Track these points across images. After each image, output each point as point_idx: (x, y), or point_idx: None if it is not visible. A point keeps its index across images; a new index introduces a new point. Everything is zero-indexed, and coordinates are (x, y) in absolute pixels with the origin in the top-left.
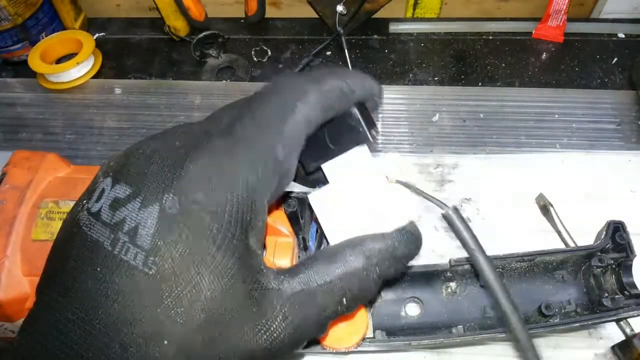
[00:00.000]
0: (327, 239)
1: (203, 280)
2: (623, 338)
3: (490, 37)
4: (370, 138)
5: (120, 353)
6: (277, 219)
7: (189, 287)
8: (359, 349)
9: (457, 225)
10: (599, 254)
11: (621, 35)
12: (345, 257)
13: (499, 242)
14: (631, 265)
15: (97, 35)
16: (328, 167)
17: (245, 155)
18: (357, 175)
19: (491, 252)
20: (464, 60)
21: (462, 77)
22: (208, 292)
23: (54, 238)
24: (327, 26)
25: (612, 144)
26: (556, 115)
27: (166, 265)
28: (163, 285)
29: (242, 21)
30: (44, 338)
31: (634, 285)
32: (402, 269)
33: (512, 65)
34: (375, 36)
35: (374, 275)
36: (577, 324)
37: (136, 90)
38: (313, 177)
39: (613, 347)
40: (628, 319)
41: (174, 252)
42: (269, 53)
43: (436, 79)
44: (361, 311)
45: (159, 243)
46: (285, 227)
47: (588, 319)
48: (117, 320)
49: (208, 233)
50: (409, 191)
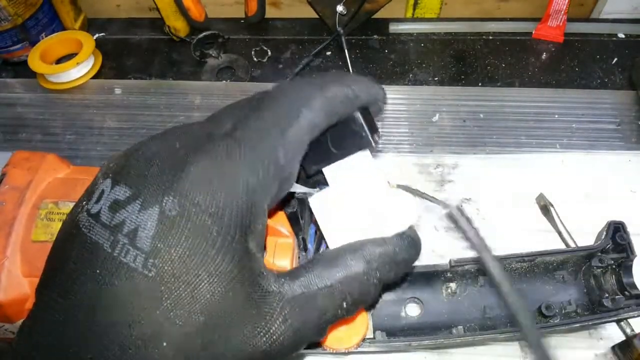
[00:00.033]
0: (326, 241)
1: (202, 283)
2: (623, 338)
3: (490, 37)
4: (373, 143)
5: (119, 355)
6: (277, 219)
7: (188, 289)
8: (359, 349)
9: (462, 224)
10: (599, 254)
11: (621, 35)
12: (346, 261)
13: (499, 242)
14: (631, 266)
15: (97, 35)
16: (329, 170)
17: (247, 159)
18: (358, 180)
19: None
20: (464, 60)
21: (462, 77)
22: (207, 295)
23: (53, 239)
24: (327, 26)
25: (612, 144)
26: (556, 116)
27: (166, 268)
28: (162, 288)
29: (242, 21)
30: (43, 339)
31: (634, 286)
32: (401, 274)
33: (512, 65)
34: (375, 36)
35: (375, 280)
36: (578, 325)
37: (136, 91)
38: (314, 178)
39: (613, 348)
40: (628, 319)
41: (174, 254)
42: (269, 53)
43: (436, 79)
44: (361, 312)
45: (158, 245)
46: (285, 227)
47: (588, 320)
48: (116, 322)
49: (208, 236)
50: (409, 196)
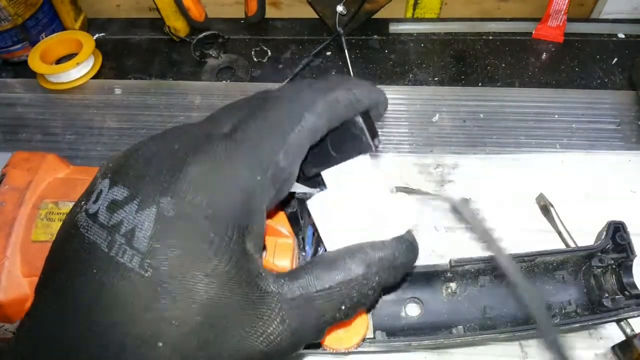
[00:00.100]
0: (323, 244)
1: (199, 283)
2: (623, 338)
3: (490, 37)
4: (373, 148)
5: (116, 354)
6: (277, 219)
7: (184, 289)
8: (359, 349)
9: (467, 216)
10: (600, 254)
11: (621, 36)
12: (346, 264)
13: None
14: (631, 266)
15: (97, 35)
16: (328, 173)
17: (246, 161)
18: (357, 183)
19: (491, 253)
20: (464, 60)
21: (462, 77)
22: (204, 295)
23: (53, 239)
24: (327, 26)
25: (612, 144)
26: (556, 116)
27: (162, 268)
28: (159, 288)
29: (242, 21)
30: (42, 339)
31: (634, 286)
32: (399, 278)
33: (512, 65)
34: (375, 36)
35: (374, 284)
36: (578, 325)
37: (136, 91)
38: (313, 180)
39: (613, 348)
40: (628, 319)
41: (170, 254)
42: (269, 53)
43: (436, 79)
44: (361, 313)
45: (155, 246)
46: (285, 227)
47: (588, 320)
48: (113, 322)
49: (205, 236)
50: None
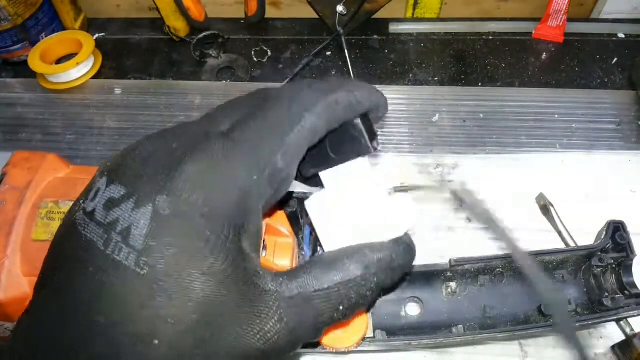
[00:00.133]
0: (321, 245)
1: (195, 282)
2: (623, 338)
3: (490, 37)
4: (372, 150)
5: (112, 352)
6: (277, 219)
7: (180, 288)
8: (359, 348)
9: (469, 201)
10: (599, 253)
11: (621, 36)
12: (344, 265)
13: (499, 242)
14: (631, 265)
15: (97, 35)
16: (326, 175)
17: (244, 160)
18: (355, 185)
19: (492, 252)
20: (464, 60)
21: (462, 77)
22: (200, 293)
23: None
24: (327, 26)
25: (612, 144)
26: (556, 116)
27: (158, 266)
28: (155, 286)
29: (242, 21)
30: (41, 338)
31: (634, 285)
32: (397, 279)
33: (512, 65)
34: (375, 36)
35: (372, 285)
36: (577, 324)
37: (136, 91)
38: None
39: (613, 347)
40: (628, 319)
41: (166, 253)
42: (269, 53)
43: (436, 79)
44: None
45: (151, 244)
46: (285, 227)
47: (588, 319)
48: (109, 320)
49: (201, 235)
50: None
